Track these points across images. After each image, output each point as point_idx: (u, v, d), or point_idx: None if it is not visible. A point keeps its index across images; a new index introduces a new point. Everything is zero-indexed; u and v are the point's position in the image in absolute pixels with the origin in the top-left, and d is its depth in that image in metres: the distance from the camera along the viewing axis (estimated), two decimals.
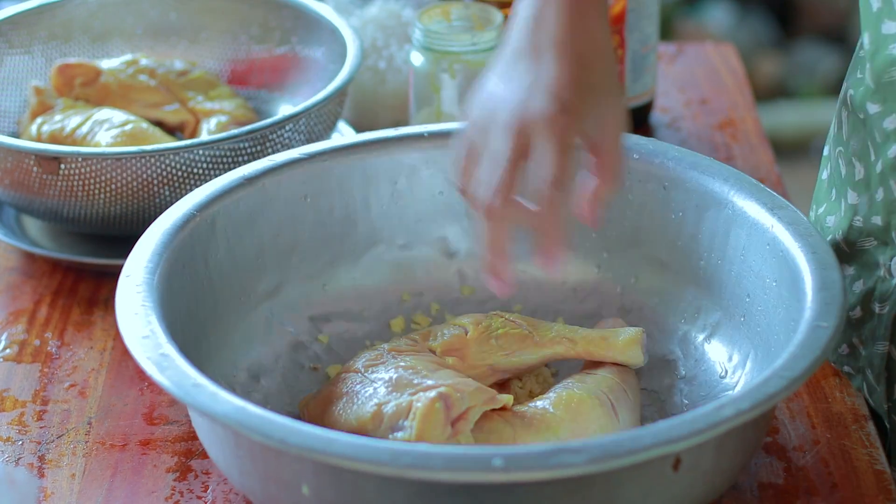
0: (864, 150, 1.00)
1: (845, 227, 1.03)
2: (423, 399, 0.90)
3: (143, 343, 0.89)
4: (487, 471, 0.79)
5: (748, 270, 0.99)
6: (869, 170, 1.00)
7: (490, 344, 0.99)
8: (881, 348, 1.02)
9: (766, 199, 1.00)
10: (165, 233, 0.99)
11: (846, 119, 1.02)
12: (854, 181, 1.02)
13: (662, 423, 0.81)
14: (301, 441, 0.81)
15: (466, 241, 1.10)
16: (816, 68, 3.17)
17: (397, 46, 1.36)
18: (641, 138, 1.07)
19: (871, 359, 1.03)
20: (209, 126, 1.25)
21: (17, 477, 0.85)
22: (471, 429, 0.90)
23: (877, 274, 1.01)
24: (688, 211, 1.04)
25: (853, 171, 1.02)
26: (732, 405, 0.82)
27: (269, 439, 0.81)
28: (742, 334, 1.00)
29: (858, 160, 1.01)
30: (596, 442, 0.80)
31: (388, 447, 0.80)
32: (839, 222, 1.04)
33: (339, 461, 0.80)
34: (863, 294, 1.03)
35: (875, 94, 0.98)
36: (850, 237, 1.03)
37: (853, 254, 1.03)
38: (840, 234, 1.03)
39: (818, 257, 0.93)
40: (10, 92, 1.30)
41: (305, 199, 1.07)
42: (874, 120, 0.99)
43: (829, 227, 1.05)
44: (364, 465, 0.80)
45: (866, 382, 1.03)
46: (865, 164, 1.01)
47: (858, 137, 1.01)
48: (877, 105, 0.98)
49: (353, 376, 0.97)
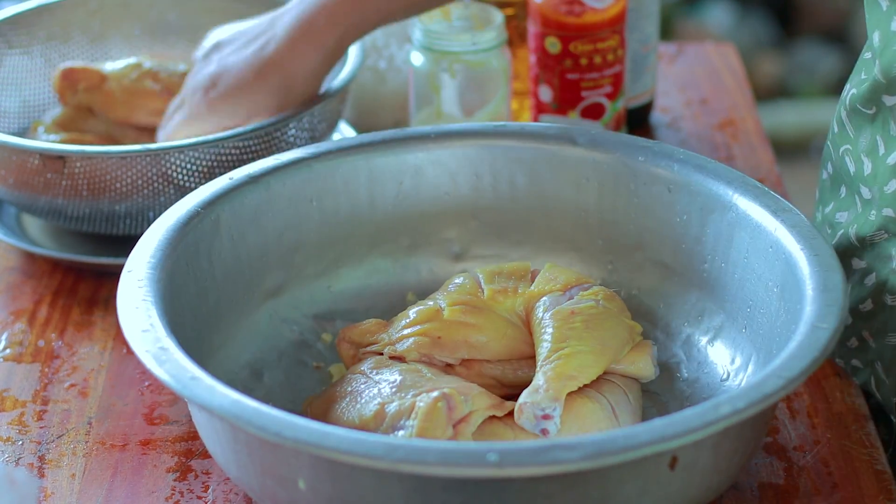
0: (874, 145, 1.01)
1: (861, 222, 1.03)
2: (426, 399, 0.90)
3: (143, 336, 0.89)
4: (482, 466, 0.79)
5: (751, 273, 0.99)
6: (877, 164, 1.01)
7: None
8: (893, 340, 1.02)
9: (770, 202, 1.00)
10: (169, 229, 0.99)
11: (847, 119, 1.03)
12: (864, 176, 1.02)
13: (658, 420, 0.81)
14: (296, 434, 0.81)
15: (471, 241, 1.10)
16: (816, 68, 3.17)
17: (397, 46, 1.36)
18: (646, 141, 1.07)
19: (882, 351, 1.03)
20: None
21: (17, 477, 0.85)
22: (472, 432, 0.90)
23: (889, 266, 1.02)
24: (692, 214, 1.04)
25: (862, 166, 1.02)
26: (729, 403, 0.82)
27: (265, 432, 0.81)
28: (744, 337, 1.00)
29: (867, 156, 1.02)
30: (591, 438, 0.80)
31: (383, 441, 0.80)
32: (853, 218, 1.04)
33: (333, 454, 0.80)
34: (874, 287, 1.03)
35: (890, 88, 0.99)
36: (862, 232, 1.03)
37: (865, 247, 1.03)
38: (853, 229, 1.04)
39: (821, 260, 0.93)
40: (10, 92, 1.30)
41: (311, 201, 1.07)
42: (892, 111, 0.99)
43: (841, 222, 1.05)
44: (358, 459, 0.80)
45: (874, 376, 1.04)
46: (874, 159, 1.01)
47: (867, 133, 1.02)
48: (893, 97, 0.99)
49: (357, 377, 0.97)
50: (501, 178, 1.09)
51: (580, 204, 1.08)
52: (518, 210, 1.10)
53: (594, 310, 0.97)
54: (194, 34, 1.36)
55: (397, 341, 0.99)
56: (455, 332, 0.98)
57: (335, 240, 1.08)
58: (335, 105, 1.22)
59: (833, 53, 3.17)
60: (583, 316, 0.97)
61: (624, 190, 1.06)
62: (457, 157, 1.09)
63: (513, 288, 1.01)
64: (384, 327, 1.01)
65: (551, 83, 1.31)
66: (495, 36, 1.24)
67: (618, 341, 0.96)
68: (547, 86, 1.31)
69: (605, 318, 0.97)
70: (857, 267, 1.04)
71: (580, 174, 1.08)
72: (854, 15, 3.16)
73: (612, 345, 0.96)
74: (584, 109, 1.31)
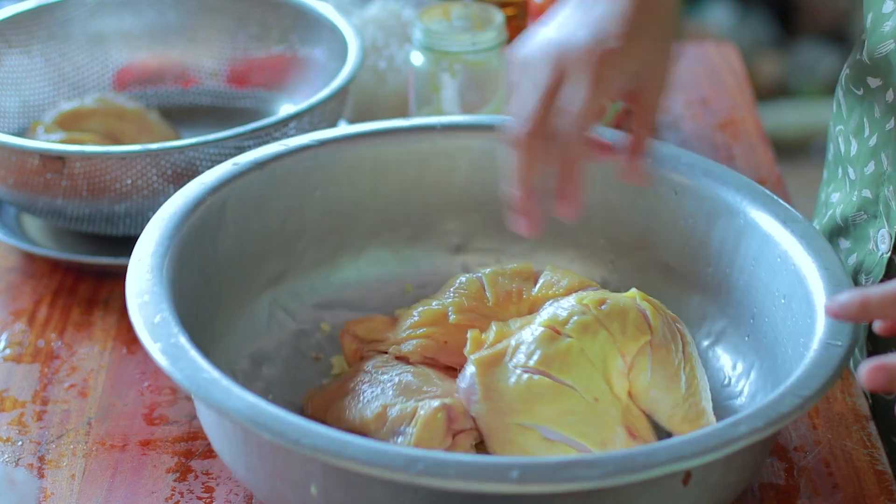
0: (860, 126, 1.01)
1: (845, 203, 1.04)
2: (427, 407, 0.90)
3: (155, 330, 0.88)
4: (502, 482, 0.78)
5: (757, 281, 0.99)
6: (861, 145, 1.01)
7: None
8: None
9: (780, 211, 0.99)
10: (175, 215, 0.98)
11: (843, 98, 1.03)
12: (850, 157, 1.03)
13: (677, 438, 0.81)
14: (314, 443, 0.80)
15: (472, 234, 1.10)
16: (817, 68, 3.17)
17: (397, 46, 1.36)
18: (654, 141, 1.07)
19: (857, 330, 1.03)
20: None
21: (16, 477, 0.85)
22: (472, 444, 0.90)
23: (867, 247, 1.02)
24: (698, 218, 1.03)
25: (850, 147, 1.03)
26: (746, 423, 0.82)
27: (284, 440, 0.81)
28: (747, 344, 1.00)
29: (854, 136, 1.02)
30: (610, 456, 0.80)
31: (402, 453, 0.80)
32: (841, 198, 1.05)
33: (352, 465, 0.79)
34: (853, 267, 1.03)
35: (872, 69, 0.99)
36: (846, 212, 1.03)
37: (848, 228, 1.04)
38: (839, 209, 1.04)
39: (830, 273, 0.93)
40: (10, 92, 1.30)
41: (315, 189, 1.06)
42: (875, 94, 1.00)
43: (833, 202, 1.06)
44: (378, 471, 0.79)
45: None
46: (859, 140, 1.01)
47: (856, 115, 1.02)
48: (877, 79, 1.00)
49: (361, 375, 0.96)
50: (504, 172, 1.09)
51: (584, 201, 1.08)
52: None
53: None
54: (193, 33, 1.36)
55: (402, 341, 0.98)
56: (461, 337, 0.97)
57: (337, 228, 1.08)
58: (335, 105, 1.22)
59: (833, 53, 3.16)
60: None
61: (629, 189, 1.06)
62: (461, 150, 1.09)
63: (517, 291, 1.01)
64: (389, 325, 1.01)
65: None
66: (495, 36, 1.24)
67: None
68: None
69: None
70: (843, 247, 1.04)
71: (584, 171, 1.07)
72: (854, 15, 3.16)
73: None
74: None
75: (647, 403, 0.91)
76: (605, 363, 0.91)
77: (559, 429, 0.88)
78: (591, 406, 0.89)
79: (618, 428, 0.89)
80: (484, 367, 0.91)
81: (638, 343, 0.91)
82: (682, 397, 0.91)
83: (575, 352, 0.90)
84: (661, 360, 0.91)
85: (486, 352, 0.92)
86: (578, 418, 0.89)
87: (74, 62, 1.33)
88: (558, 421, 0.88)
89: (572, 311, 0.93)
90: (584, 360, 0.90)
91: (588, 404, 0.89)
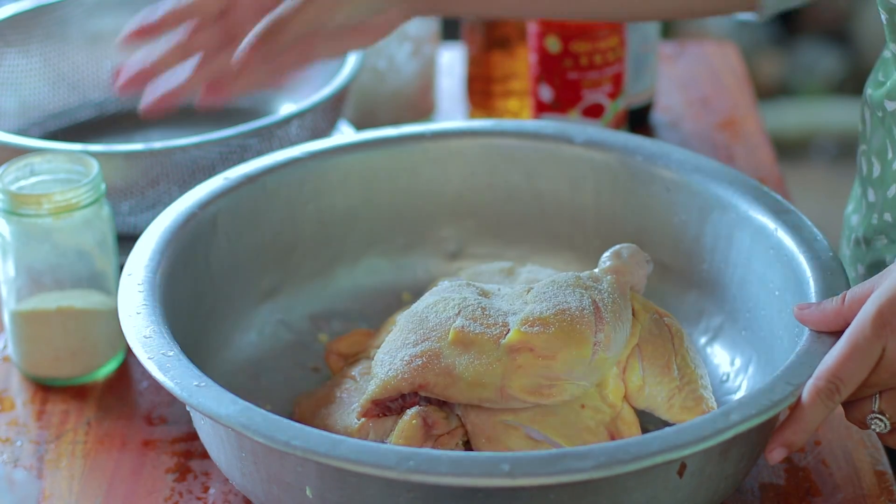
0: (883, 148, 1.01)
1: (865, 225, 1.03)
2: (406, 415, 0.90)
3: (146, 343, 0.89)
4: (494, 476, 0.78)
5: (752, 275, 0.99)
6: (885, 167, 1.01)
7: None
8: None
9: (771, 203, 0.99)
10: (167, 231, 0.98)
11: (868, 118, 1.03)
12: (873, 178, 1.02)
13: (669, 429, 0.81)
14: (306, 444, 0.80)
15: (467, 240, 1.10)
16: (817, 67, 3.17)
17: (397, 46, 1.36)
18: (644, 139, 1.07)
19: None
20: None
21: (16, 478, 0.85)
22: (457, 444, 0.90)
23: None
24: (691, 214, 1.03)
25: (872, 168, 1.02)
26: (739, 411, 0.82)
27: (275, 442, 0.81)
28: (744, 339, 1.00)
29: (877, 158, 1.01)
30: (602, 447, 0.80)
31: (394, 450, 0.80)
32: (861, 220, 1.04)
33: (344, 464, 0.80)
34: None
35: (892, 92, 0.99)
36: (867, 235, 1.03)
37: (868, 252, 1.03)
38: (861, 231, 1.04)
39: (822, 263, 0.93)
40: (8, 92, 1.30)
41: (307, 200, 1.06)
42: (893, 117, 0.99)
43: (853, 225, 1.05)
44: (369, 469, 0.79)
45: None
46: (882, 162, 1.01)
47: (878, 136, 1.01)
48: (893, 103, 0.99)
49: (348, 382, 0.96)
50: (498, 176, 1.09)
51: (577, 203, 1.08)
52: (514, 209, 1.10)
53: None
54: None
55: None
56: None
57: (331, 239, 1.08)
58: (335, 104, 1.22)
59: (834, 53, 3.16)
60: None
61: (621, 189, 1.06)
62: (453, 156, 1.09)
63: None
64: (370, 336, 1.01)
65: (552, 82, 1.30)
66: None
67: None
68: (547, 85, 1.31)
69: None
70: (858, 272, 1.04)
71: (577, 173, 1.08)
72: (854, 15, 3.16)
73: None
74: (584, 109, 1.31)
75: (644, 401, 0.91)
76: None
77: (542, 429, 0.88)
78: (576, 411, 0.89)
79: (602, 433, 0.89)
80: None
81: (628, 347, 0.91)
82: (676, 387, 0.91)
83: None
84: (651, 356, 0.92)
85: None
86: (561, 420, 0.89)
87: (72, 62, 1.33)
88: (542, 422, 0.88)
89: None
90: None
91: (573, 409, 0.89)
